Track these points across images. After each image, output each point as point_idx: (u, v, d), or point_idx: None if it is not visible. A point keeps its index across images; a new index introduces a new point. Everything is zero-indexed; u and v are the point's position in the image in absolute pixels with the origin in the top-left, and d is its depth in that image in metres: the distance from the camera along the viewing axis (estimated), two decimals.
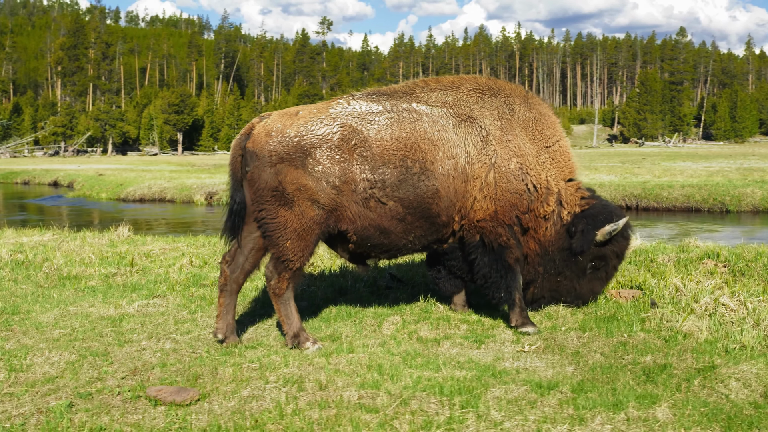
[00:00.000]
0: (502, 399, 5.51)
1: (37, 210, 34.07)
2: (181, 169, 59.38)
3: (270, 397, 5.66)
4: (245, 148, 7.02)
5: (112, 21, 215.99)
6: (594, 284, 8.01)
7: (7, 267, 11.01)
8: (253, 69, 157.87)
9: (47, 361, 6.67)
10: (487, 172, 7.30)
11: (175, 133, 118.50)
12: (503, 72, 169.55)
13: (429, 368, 6.25)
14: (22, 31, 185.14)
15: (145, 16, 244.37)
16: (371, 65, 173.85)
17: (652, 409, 5.28)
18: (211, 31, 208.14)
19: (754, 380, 5.86)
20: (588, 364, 6.43)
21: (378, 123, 7.12)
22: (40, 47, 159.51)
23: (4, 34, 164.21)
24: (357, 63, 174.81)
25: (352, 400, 5.53)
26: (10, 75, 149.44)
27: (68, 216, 30.41)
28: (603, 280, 8.06)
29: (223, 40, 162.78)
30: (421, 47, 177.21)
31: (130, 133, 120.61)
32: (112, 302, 8.83)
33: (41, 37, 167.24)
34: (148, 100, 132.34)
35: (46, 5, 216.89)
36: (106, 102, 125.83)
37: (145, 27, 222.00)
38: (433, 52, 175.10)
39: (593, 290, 8.05)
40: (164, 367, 6.46)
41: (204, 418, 5.33)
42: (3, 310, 8.52)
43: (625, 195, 27.44)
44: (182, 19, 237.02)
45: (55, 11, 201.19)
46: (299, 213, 6.87)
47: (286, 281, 7.03)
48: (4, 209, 35.20)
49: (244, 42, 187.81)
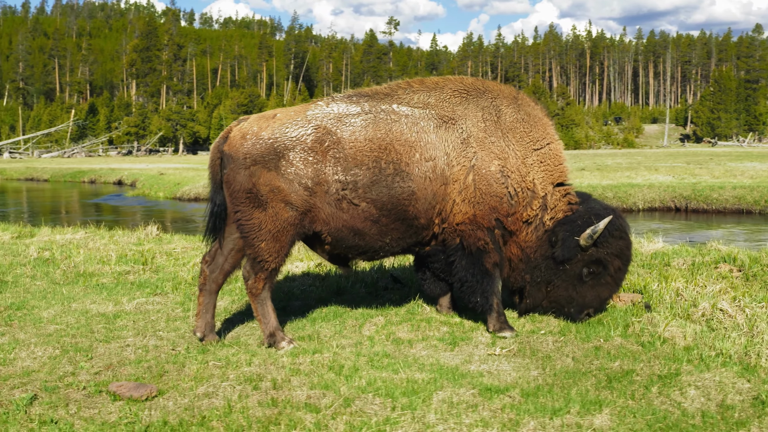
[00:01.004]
0: (446, 402, 5.51)
1: (94, 209, 35.06)
2: None
3: (223, 394, 5.76)
4: (222, 151, 7.16)
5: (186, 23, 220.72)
6: (600, 290, 7.66)
7: (29, 264, 11.38)
8: (322, 69, 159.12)
9: (31, 356, 6.91)
10: (466, 174, 7.26)
11: None
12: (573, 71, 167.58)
13: (389, 369, 6.28)
14: (100, 33, 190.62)
15: (219, 17, 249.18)
16: (440, 65, 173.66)
17: (593, 415, 5.23)
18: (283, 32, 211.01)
19: (714, 389, 5.74)
20: (555, 368, 6.38)
21: (353, 124, 7.16)
22: (116, 49, 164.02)
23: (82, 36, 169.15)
24: (425, 63, 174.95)
25: (300, 399, 5.60)
26: (86, 76, 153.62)
27: (121, 214, 31.20)
28: (610, 285, 7.68)
29: (293, 40, 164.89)
30: (490, 46, 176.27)
31: (200, 133, 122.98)
32: (114, 299, 9.08)
33: (117, 39, 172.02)
34: (219, 100, 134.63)
35: (123, 8, 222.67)
36: (177, 102, 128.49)
37: (218, 29, 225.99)
38: (502, 51, 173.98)
39: (600, 296, 7.68)
40: (138, 364, 6.63)
41: (155, 414, 5.47)
42: (10, 305, 8.83)
43: (675, 196, 26.89)
44: (254, 21, 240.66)
45: (131, 14, 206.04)
46: (273, 214, 6.97)
47: (263, 281, 7.13)
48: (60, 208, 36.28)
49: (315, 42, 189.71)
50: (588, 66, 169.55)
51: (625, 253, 7.69)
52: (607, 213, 7.57)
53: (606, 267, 7.59)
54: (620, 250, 7.61)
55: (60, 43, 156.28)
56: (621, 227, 7.63)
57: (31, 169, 64.85)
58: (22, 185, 55.48)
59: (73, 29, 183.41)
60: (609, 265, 7.59)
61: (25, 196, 45.69)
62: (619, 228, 7.61)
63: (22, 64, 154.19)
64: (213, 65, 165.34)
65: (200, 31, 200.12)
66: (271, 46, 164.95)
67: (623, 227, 7.66)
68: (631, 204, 27.52)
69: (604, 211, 7.62)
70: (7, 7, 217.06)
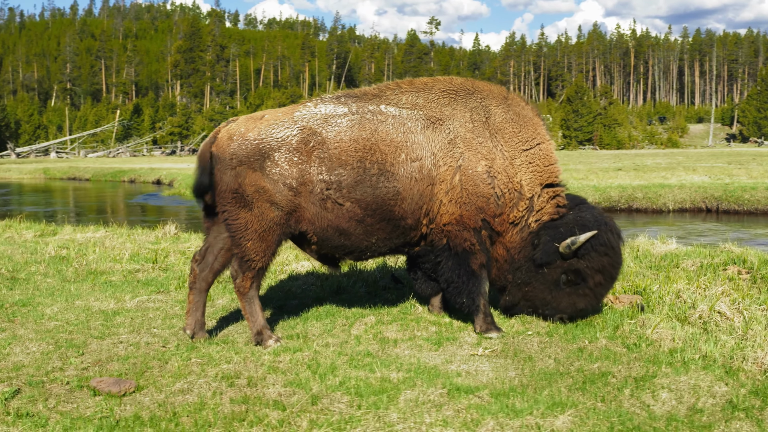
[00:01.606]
0: (413, 401, 5.55)
1: (127, 208, 35.60)
2: None
3: (198, 391, 5.86)
4: (211, 152, 7.27)
5: (231, 24, 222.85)
6: (575, 299, 7.55)
7: (45, 262, 11.63)
8: (364, 69, 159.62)
9: (24, 351, 7.08)
10: (452, 175, 7.27)
11: None
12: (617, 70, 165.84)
13: (366, 369, 6.33)
14: (145, 34, 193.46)
15: (263, 18, 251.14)
16: (482, 64, 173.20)
17: (555, 416, 5.22)
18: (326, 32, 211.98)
19: (688, 392, 5.70)
20: (534, 369, 6.37)
21: (339, 125, 7.22)
22: (161, 50, 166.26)
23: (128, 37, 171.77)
24: (467, 62, 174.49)
25: (271, 397, 5.68)
26: (132, 77, 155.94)
27: (153, 214, 31.64)
28: (588, 297, 7.54)
29: (336, 41, 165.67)
30: (533, 45, 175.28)
31: None
32: (117, 297, 9.25)
33: (162, 40, 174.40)
34: (261, 101, 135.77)
35: (169, 9, 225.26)
36: (220, 103, 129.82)
37: (262, 30, 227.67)
38: (545, 50, 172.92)
39: (575, 305, 7.57)
40: (126, 360, 6.76)
41: (129, 409, 5.58)
42: (18, 302, 9.04)
43: (706, 197, 26.51)
44: (298, 21, 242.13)
45: (176, 15, 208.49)
46: (259, 214, 7.06)
47: (250, 280, 7.23)
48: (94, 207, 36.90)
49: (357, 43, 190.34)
50: (632, 65, 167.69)
51: (609, 270, 7.49)
52: (596, 226, 7.39)
53: (585, 279, 7.45)
54: (603, 266, 7.43)
55: (106, 45, 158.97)
56: (607, 243, 7.39)
57: (73, 169, 66.04)
58: (64, 184, 56.52)
59: (119, 31, 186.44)
60: (588, 279, 7.44)
61: (63, 196, 46.54)
62: (605, 244, 7.38)
63: (70, 65, 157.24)
64: (256, 66, 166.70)
65: (244, 32, 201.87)
66: (314, 47, 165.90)
67: (610, 243, 7.40)
68: (660, 205, 27.21)
69: (593, 224, 7.43)
70: (56, 9, 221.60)
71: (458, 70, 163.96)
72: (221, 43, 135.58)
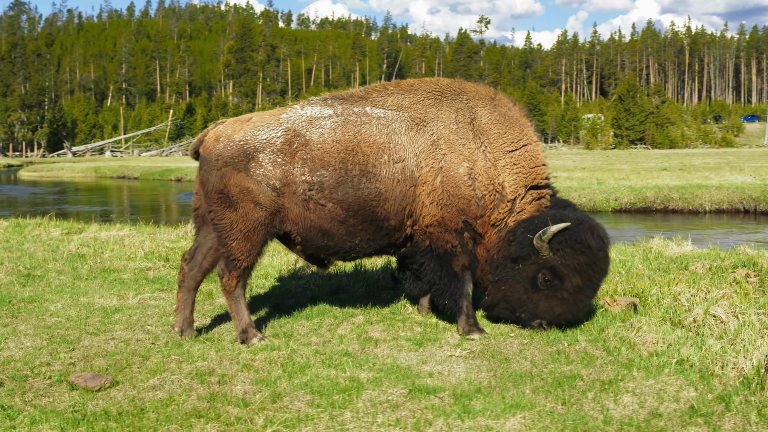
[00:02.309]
0: (371, 401, 5.61)
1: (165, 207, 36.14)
2: None
3: (169, 388, 6.00)
4: (198, 153, 7.42)
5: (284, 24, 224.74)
6: (553, 303, 7.36)
7: (63, 259, 11.93)
8: (414, 68, 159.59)
9: (18, 346, 7.31)
10: (434, 176, 7.30)
11: None
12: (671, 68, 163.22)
13: (340, 368, 6.40)
14: (199, 35, 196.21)
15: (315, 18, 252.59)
16: (533, 63, 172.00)
17: (506, 419, 5.23)
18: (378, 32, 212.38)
19: (651, 396, 5.66)
20: (507, 371, 6.38)
21: (322, 127, 7.30)
22: (214, 50, 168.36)
23: (183, 38, 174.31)
24: (519, 61, 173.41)
25: (237, 394, 5.79)
26: (185, 77, 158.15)
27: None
28: (567, 302, 7.33)
29: (386, 40, 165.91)
30: (585, 44, 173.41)
31: None
32: (122, 294, 9.47)
33: (216, 40, 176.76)
34: None
35: (223, 10, 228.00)
36: (271, 102, 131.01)
37: (314, 29, 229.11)
38: (598, 48, 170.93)
39: (552, 310, 7.38)
40: (112, 356, 6.94)
41: (101, 404, 5.73)
42: (27, 298, 9.32)
43: (743, 198, 26.00)
44: (350, 21, 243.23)
45: (230, 16, 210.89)
46: (243, 215, 7.18)
47: (236, 279, 7.36)
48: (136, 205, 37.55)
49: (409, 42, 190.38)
50: (687, 63, 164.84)
51: (586, 271, 7.27)
52: (573, 223, 7.25)
53: (562, 280, 7.28)
54: (579, 265, 7.23)
55: (161, 45, 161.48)
56: (583, 241, 7.22)
57: (123, 167, 67.37)
58: (112, 183, 57.68)
59: (174, 31, 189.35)
60: (566, 279, 7.26)
61: (107, 194, 47.47)
62: (581, 242, 7.22)
63: (125, 65, 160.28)
64: (308, 65, 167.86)
65: (296, 32, 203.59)
66: (365, 46, 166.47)
67: (586, 241, 7.22)
68: (697, 206, 26.78)
69: (571, 221, 7.28)
70: (113, 11, 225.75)
71: (509, 68, 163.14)
72: (272, 43, 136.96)
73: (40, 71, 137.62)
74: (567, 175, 39.32)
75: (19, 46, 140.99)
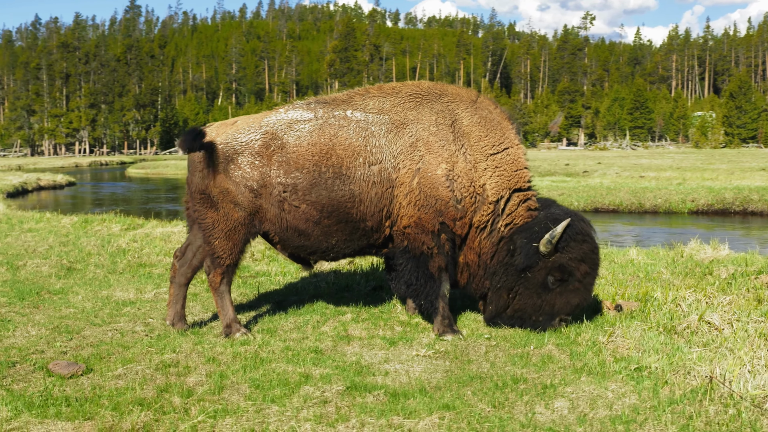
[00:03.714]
0: (304, 396, 5.78)
1: None
2: None
3: (132, 377, 6.34)
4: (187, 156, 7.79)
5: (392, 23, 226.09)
6: (569, 297, 7.48)
7: (107, 254, 12.58)
8: (519, 66, 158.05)
9: (24, 334, 7.83)
10: (412, 177, 7.42)
11: None
12: None
13: (298, 363, 6.62)
14: (308, 35, 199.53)
15: (423, 17, 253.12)
16: (643, 59, 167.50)
17: (422, 418, 5.34)
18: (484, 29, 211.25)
19: (584, 401, 5.66)
20: (463, 372, 6.46)
21: (300, 130, 7.53)
22: (321, 50, 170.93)
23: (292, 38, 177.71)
24: (627, 57, 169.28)
25: (188, 385, 6.08)
26: (293, 77, 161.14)
27: None
28: (579, 291, 7.49)
29: (491, 38, 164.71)
30: (698, 39, 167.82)
31: None
32: (141, 288, 9.96)
33: (323, 40, 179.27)
34: None
35: (332, 10, 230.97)
36: None
37: (421, 28, 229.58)
38: (711, 44, 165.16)
39: (570, 303, 7.50)
40: (101, 346, 7.36)
41: (66, 390, 6.10)
42: (56, 290, 9.94)
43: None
44: (457, 19, 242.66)
45: (338, 16, 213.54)
46: (224, 214, 7.51)
47: (220, 276, 7.69)
48: None
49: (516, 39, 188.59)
50: None
51: (591, 256, 7.51)
52: (566, 217, 7.43)
53: (572, 273, 7.43)
54: (584, 254, 7.45)
55: (270, 45, 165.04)
56: (582, 231, 7.46)
57: None
58: None
59: (283, 32, 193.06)
60: (575, 271, 7.43)
61: None
62: (581, 231, 7.44)
63: (235, 65, 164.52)
64: (412, 64, 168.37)
65: (402, 31, 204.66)
66: (469, 44, 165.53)
67: (585, 230, 7.48)
68: None
69: (564, 216, 7.47)
70: (226, 12, 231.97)
71: (617, 65, 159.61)
72: (375, 42, 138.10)
73: (153, 72, 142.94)
74: (655, 174, 38.45)
75: (134, 48, 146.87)
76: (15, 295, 9.61)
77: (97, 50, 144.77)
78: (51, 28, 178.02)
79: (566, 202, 27.10)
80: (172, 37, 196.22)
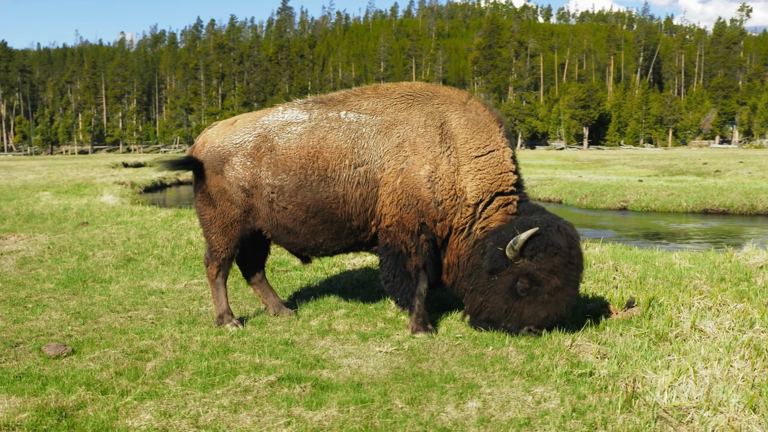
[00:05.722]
0: (235, 384, 6.07)
1: None
2: (565, 164, 60.82)
3: (104, 362, 6.82)
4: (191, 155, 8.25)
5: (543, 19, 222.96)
6: (537, 308, 7.32)
7: (170, 246, 13.35)
8: (673, 61, 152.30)
9: (46, 318, 8.56)
10: (395, 178, 7.56)
11: (581, 127, 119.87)
12: None
13: (259, 355, 6.93)
14: (457, 33, 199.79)
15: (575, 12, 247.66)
16: None
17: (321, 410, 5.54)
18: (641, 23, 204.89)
19: (497, 403, 5.71)
20: (411, 369, 6.61)
21: (291, 132, 7.83)
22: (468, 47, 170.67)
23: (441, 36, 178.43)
24: None
25: (143, 370, 6.51)
26: (440, 74, 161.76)
27: None
28: (549, 304, 7.27)
29: (644, 32, 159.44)
30: None
31: (538, 128, 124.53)
32: (175, 279, 10.59)
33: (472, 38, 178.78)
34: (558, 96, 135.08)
35: (483, 7, 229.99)
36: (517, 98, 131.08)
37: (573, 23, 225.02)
38: None
39: (537, 315, 7.33)
40: (104, 331, 7.95)
41: (47, 369, 6.66)
42: (103, 279, 10.72)
43: None
44: (611, 13, 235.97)
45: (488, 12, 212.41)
46: (221, 212, 7.95)
47: (216, 268, 8.13)
48: None
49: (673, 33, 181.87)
50: None
51: (563, 271, 7.24)
52: (542, 227, 7.25)
53: (540, 284, 7.25)
54: (555, 267, 7.21)
55: (418, 44, 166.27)
56: (554, 243, 7.20)
57: None
58: None
59: (432, 30, 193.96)
60: (544, 283, 7.24)
61: None
62: (552, 244, 7.20)
63: (384, 63, 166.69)
64: (560, 60, 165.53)
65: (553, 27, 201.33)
66: (619, 39, 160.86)
67: (557, 243, 7.20)
68: None
69: (540, 225, 7.27)
70: (378, 12, 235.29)
71: None
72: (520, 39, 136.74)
73: (303, 71, 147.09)
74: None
75: (284, 48, 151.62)
76: (63, 283, 10.42)
77: (250, 51, 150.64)
78: (209, 30, 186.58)
79: (674, 204, 26.17)
80: (325, 36, 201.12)
